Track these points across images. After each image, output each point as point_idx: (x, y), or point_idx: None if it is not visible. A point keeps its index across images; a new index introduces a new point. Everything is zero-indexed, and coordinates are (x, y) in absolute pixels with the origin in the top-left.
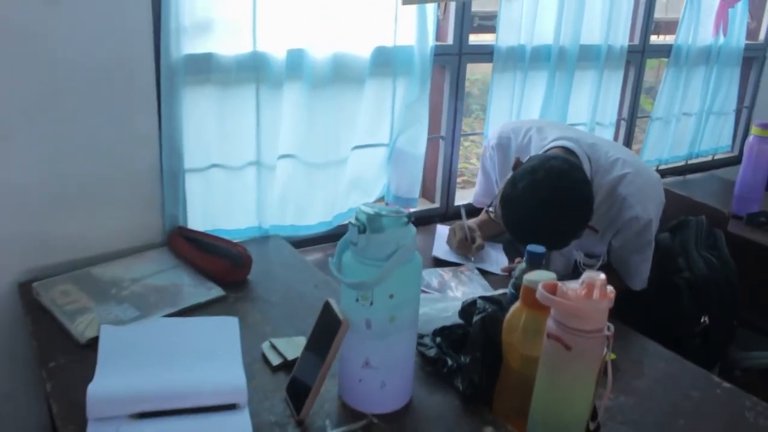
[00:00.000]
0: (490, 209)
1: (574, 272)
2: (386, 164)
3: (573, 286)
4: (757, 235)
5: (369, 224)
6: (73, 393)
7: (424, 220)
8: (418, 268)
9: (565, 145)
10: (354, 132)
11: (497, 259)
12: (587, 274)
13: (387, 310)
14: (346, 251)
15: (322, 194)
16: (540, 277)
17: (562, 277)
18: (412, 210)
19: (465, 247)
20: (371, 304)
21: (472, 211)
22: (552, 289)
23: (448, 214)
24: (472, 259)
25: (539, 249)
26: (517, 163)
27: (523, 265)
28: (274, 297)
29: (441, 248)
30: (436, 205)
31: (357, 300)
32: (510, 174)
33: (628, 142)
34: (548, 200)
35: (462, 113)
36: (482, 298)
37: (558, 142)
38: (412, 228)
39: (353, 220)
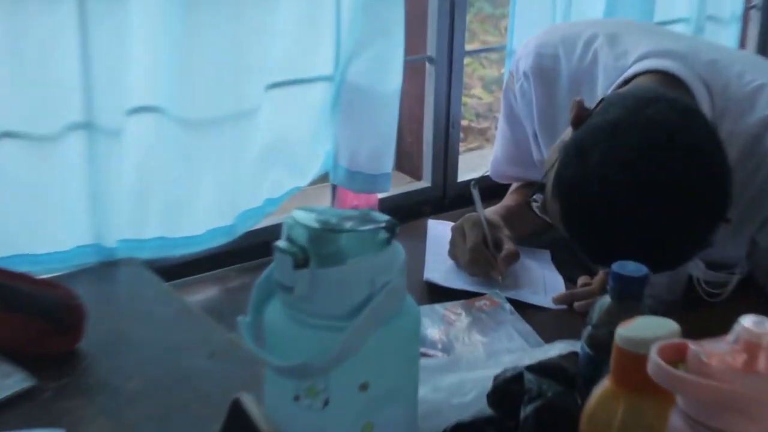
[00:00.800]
0: (534, 200)
1: (686, 297)
2: (329, 116)
3: (718, 348)
4: None
5: (315, 249)
6: None
7: (403, 213)
8: (414, 329)
9: (664, 67)
10: (267, 60)
11: (544, 280)
12: (743, 324)
13: (356, 414)
14: (270, 301)
15: (212, 178)
16: (647, 329)
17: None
18: (382, 196)
19: (483, 260)
20: (325, 404)
21: (489, 189)
22: (677, 355)
23: (447, 199)
24: (500, 280)
25: (636, 269)
26: (580, 111)
27: (605, 300)
28: (132, 384)
29: (438, 265)
30: (425, 183)
31: (297, 398)
32: (567, 132)
33: None
34: (655, 186)
35: (465, 14)
36: (531, 368)
37: (649, 62)
38: (399, 249)
39: (283, 244)
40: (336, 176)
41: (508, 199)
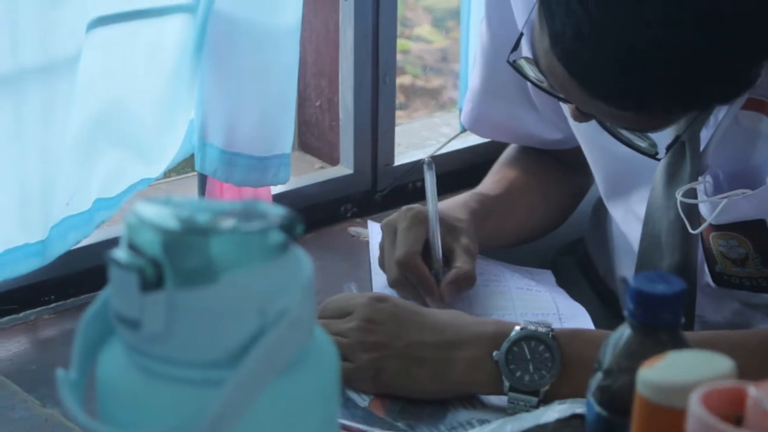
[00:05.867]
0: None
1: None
2: (191, 68)
3: None
4: None
5: (172, 261)
6: None
7: (313, 215)
8: (329, 379)
9: None
10: None
11: (557, 307)
12: None
13: None
14: (106, 346)
15: (7, 170)
16: (683, 368)
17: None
18: (277, 190)
19: (417, 278)
20: None
21: (457, 174)
22: (731, 406)
23: (379, 193)
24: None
25: (668, 284)
26: None
27: (622, 332)
28: None
29: (379, 286)
30: (344, 170)
31: None
32: None
33: None
34: None
35: None
36: None
37: None
38: (301, 258)
39: (123, 255)
40: (204, 162)
41: (490, 184)
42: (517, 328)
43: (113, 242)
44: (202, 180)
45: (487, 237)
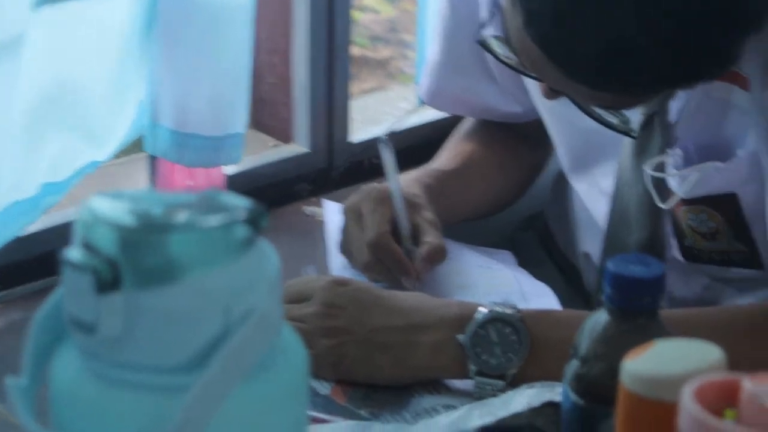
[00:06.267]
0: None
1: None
2: (140, 46)
3: None
4: None
5: (129, 260)
6: None
7: (268, 195)
8: (298, 378)
9: None
10: None
11: (520, 286)
12: None
13: None
14: (59, 349)
15: None
16: (671, 359)
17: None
18: (231, 170)
19: (390, 260)
20: None
21: (411, 150)
22: (723, 399)
23: (335, 170)
24: (414, 287)
25: (646, 266)
26: None
27: (598, 317)
28: None
29: (347, 270)
30: (299, 148)
31: None
32: None
33: None
34: None
35: None
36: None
37: None
38: (268, 254)
39: (77, 254)
40: (155, 143)
41: (445, 158)
42: (483, 310)
43: (61, 228)
44: (153, 162)
45: (443, 213)
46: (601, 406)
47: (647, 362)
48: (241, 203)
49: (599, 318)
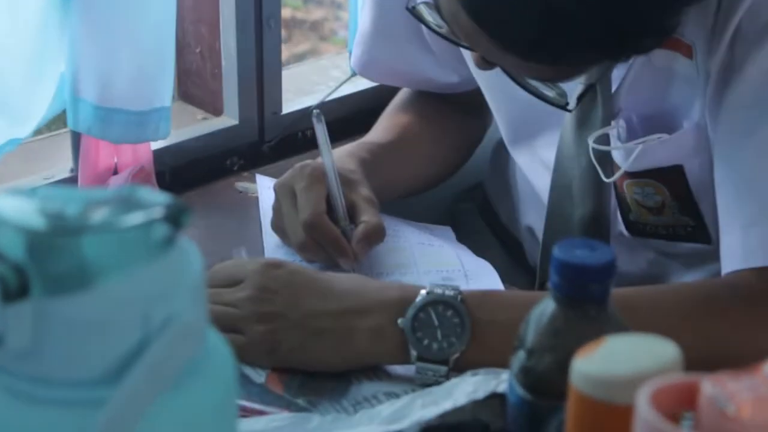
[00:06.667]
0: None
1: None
2: (59, 13)
3: (747, 387)
4: None
5: (39, 265)
6: None
7: (197, 171)
8: (225, 387)
9: None
10: None
11: (462, 264)
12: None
13: None
14: None
15: None
16: (624, 357)
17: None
18: (158, 145)
19: (327, 240)
20: None
21: (343, 122)
22: (680, 403)
23: (266, 143)
24: (352, 270)
25: (594, 252)
26: None
27: (545, 306)
28: None
29: (271, 246)
30: (228, 120)
31: None
32: None
33: None
34: None
35: None
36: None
37: None
38: (190, 254)
39: None
40: (78, 119)
41: (380, 131)
42: (423, 292)
43: None
44: (76, 137)
45: (380, 188)
46: (550, 400)
47: (598, 361)
48: (160, 199)
49: (546, 307)
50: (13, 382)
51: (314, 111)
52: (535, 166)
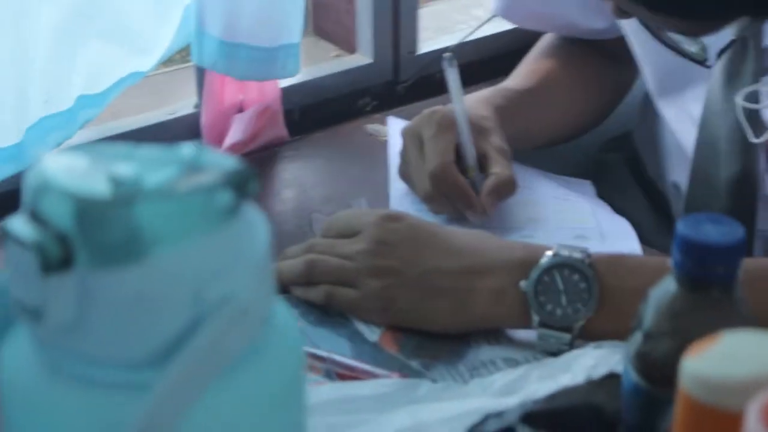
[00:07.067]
0: None
1: None
2: None
3: None
4: None
5: (86, 234)
6: None
7: (328, 110)
8: (291, 375)
9: None
10: None
11: (598, 222)
12: None
13: None
14: (8, 336)
15: None
16: (740, 357)
17: None
18: (286, 83)
19: (454, 191)
20: None
21: (479, 64)
22: None
23: (401, 84)
24: (480, 220)
25: (723, 229)
26: None
27: (666, 287)
28: None
29: (397, 194)
30: (362, 59)
31: None
32: None
33: None
34: None
35: None
36: (534, 415)
37: None
38: (257, 226)
39: (22, 226)
40: (202, 53)
41: (521, 76)
42: (549, 253)
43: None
44: (201, 73)
45: (515, 137)
46: (666, 389)
47: (711, 360)
48: (226, 163)
49: (667, 287)
50: (54, 359)
51: (445, 55)
52: (683, 120)
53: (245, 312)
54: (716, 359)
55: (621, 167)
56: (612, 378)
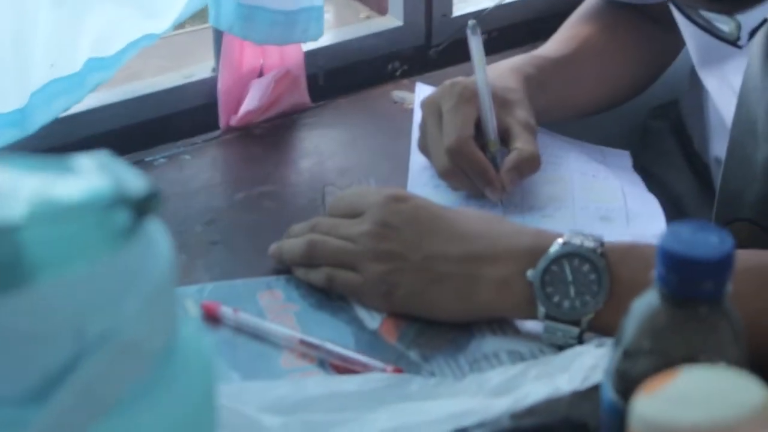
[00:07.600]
0: None
1: None
2: None
3: None
4: None
5: None
6: None
7: (355, 75)
8: (196, 411)
9: None
10: None
11: (625, 200)
12: None
13: None
14: None
15: None
16: (696, 398)
17: None
18: (309, 47)
19: (471, 168)
20: None
21: (510, 30)
22: None
23: (433, 48)
24: (500, 203)
25: (709, 242)
26: None
27: (648, 301)
28: None
29: (416, 167)
30: (392, 21)
31: None
32: None
33: None
34: None
35: None
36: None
37: None
38: (159, 247)
39: None
40: (219, 16)
41: (556, 43)
42: (560, 241)
43: (109, 109)
44: (218, 35)
45: (546, 108)
46: None
47: (662, 402)
48: (126, 178)
49: (650, 301)
50: None
51: (470, 22)
52: (725, 92)
53: (135, 346)
54: (668, 400)
55: (667, 136)
56: (597, 390)
